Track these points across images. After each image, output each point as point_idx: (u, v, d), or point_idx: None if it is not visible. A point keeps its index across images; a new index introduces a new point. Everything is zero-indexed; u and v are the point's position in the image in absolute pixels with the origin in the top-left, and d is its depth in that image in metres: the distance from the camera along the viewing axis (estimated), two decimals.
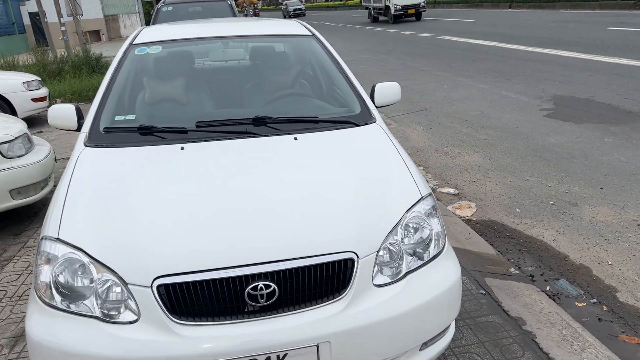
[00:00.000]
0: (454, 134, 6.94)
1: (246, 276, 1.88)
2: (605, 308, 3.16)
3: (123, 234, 1.99)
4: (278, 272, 1.90)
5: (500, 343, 2.71)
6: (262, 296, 1.87)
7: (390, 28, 24.95)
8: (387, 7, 27.76)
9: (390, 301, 2.00)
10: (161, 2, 9.91)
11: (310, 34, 3.52)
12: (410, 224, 2.19)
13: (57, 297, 1.93)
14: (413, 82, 10.76)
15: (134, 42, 3.36)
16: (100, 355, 1.81)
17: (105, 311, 1.89)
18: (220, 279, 1.86)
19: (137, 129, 2.72)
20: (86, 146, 2.65)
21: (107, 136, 2.72)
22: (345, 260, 1.97)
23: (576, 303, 3.23)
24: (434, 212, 2.30)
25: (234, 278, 1.87)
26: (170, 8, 9.57)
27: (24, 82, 8.31)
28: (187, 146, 2.55)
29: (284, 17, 51.45)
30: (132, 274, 1.88)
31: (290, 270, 1.91)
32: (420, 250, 2.17)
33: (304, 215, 2.07)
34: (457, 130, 7.06)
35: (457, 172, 5.58)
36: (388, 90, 3.23)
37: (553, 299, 3.24)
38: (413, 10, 27.06)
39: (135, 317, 1.86)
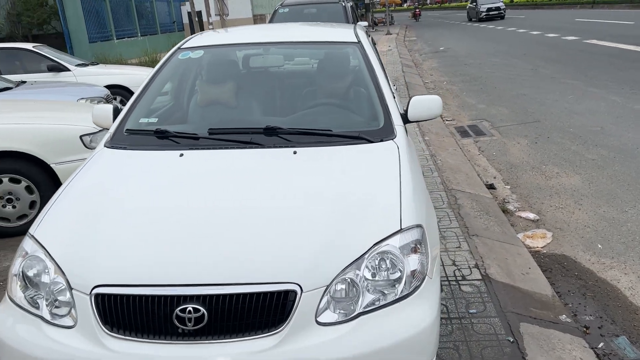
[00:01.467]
0: (559, 151, 6.24)
1: (177, 296, 1.82)
2: None
3: (84, 239, 2.04)
4: (210, 296, 1.81)
5: None
6: (190, 320, 1.80)
7: (535, 29, 23.23)
8: None
9: (332, 343, 1.82)
10: (279, 4, 10.21)
11: (356, 41, 3.33)
12: (378, 258, 1.97)
13: (19, 293, 2.03)
14: (536, 90, 9.89)
15: (182, 47, 3.45)
16: (32, 355, 1.87)
17: (52, 313, 1.94)
18: (153, 296, 1.83)
19: (154, 132, 2.79)
20: (105, 147, 2.77)
21: (127, 138, 2.82)
22: (286, 292, 1.83)
23: None
24: (418, 247, 2.05)
25: (165, 297, 1.82)
26: (286, 10, 9.82)
27: None
28: (187, 153, 2.56)
29: (470, 20, 37.08)
30: (77, 280, 1.92)
31: (223, 295, 1.81)
32: (384, 290, 1.95)
33: (258, 238, 1.96)
34: (564, 147, 6.33)
35: (546, 195, 5.00)
36: (425, 104, 2.96)
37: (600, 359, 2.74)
38: None
39: (72, 323, 1.89)
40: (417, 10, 49.19)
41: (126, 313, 1.84)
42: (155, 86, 3.20)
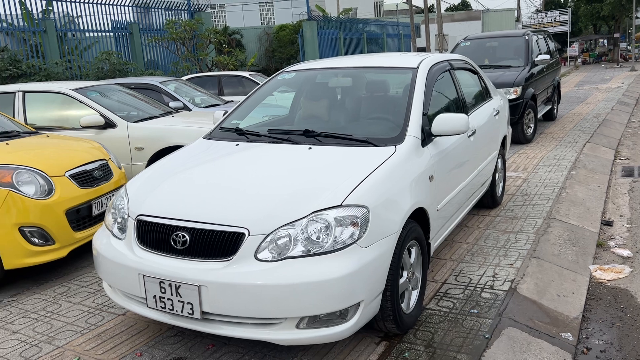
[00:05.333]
0: None
1: (173, 226, 2.74)
2: None
3: (146, 188, 3.13)
4: (192, 229, 2.69)
5: None
6: (178, 242, 2.70)
7: None
8: None
9: (262, 272, 2.54)
10: (463, 38, 10.61)
11: (414, 67, 3.84)
12: (315, 222, 2.60)
13: (109, 218, 3.18)
14: None
15: (284, 70, 4.43)
16: (101, 253, 2.98)
17: (117, 229, 3.03)
18: (161, 224, 2.78)
19: (234, 130, 3.80)
20: (202, 138, 3.87)
21: (219, 133, 3.89)
22: (238, 234, 2.60)
23: None
24: (354, 220, 2.61)
25: (167, 226, 2.76)
26: (468, 43, 10.19)
27: None
28: (242, 144, 3.49)
29: None
30: (133, 209, 2.98)
31: (200, 230, 2.67)
32: (313, 245, 2.57)
33: (236, 197, 2.81)
34: None
35: None
36: (449, 122, 3.39)
37: None
38: None
39: (123, 236, 2.95)
40: None
41: (148, 233, 2.82)
42: (255, 97, 4.23)
